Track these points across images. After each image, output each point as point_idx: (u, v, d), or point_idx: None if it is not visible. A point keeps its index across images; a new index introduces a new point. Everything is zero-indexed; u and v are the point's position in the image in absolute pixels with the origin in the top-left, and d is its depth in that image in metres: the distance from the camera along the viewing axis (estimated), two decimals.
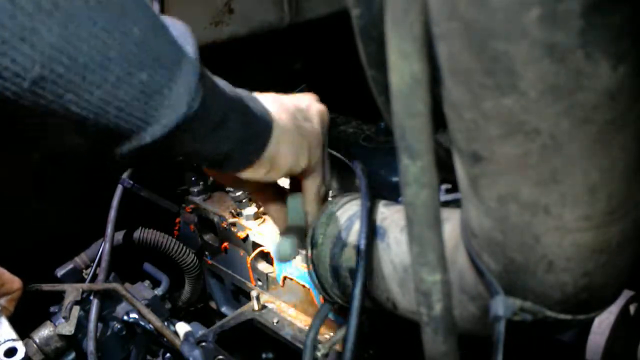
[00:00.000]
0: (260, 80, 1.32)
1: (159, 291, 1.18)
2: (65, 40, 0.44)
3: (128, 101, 0.49)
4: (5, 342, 0.79)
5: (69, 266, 1.15)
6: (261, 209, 1.06)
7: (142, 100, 0.50)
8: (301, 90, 1.16)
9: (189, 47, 0.54)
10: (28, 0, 0.42)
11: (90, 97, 0.47)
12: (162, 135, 0.52)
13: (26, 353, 0.80)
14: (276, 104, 0.67)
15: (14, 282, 0.95)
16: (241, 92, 0.64)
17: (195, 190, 1.17)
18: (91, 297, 1.06)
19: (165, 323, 1.03)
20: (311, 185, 0.74)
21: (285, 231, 0.77)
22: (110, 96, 0.48)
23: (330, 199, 0.86)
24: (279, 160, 0.66)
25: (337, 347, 0.77)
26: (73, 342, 1.05)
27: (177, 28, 0.55)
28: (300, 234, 0.77)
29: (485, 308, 0.51)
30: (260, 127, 0.63)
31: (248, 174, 0.65)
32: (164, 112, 0.51)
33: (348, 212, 0.77)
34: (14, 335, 0.80)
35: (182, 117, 0.52)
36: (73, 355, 1.06)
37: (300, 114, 0.70)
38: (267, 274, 1.04)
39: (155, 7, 1.05)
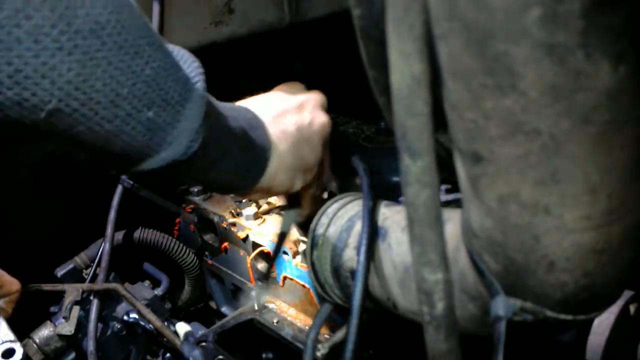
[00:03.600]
0: (260, 80, 1.32)
1: (159, 291, 1.18)
2: (81, 78, 0.47)
3: (134, 135, 0.52)
4: (3, 343, 0.79)
5: (69, 266, 1.15)
6: (261, 209, 1.06)
7: (147, 135, 0.53)
8: None
9: (199, 86, 0.56)
10: (51, 40, 0.45)
11: (100, 129, 0.50)
12: (159, 167, 0.55)
13: (26, 353, 0.80)
14: (278, 127, 0.69)
15: (13, 284, 0.95)
16: (246, 120, 0.66)
17: (195, 190, 1.17)
18: (91, 297, 1.06)
19: (165, 323, 1.03)
20: (307, 196, 0.79)
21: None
22: (118, 130, 0.51)
23: (331, 199, 0.86)
24: (275, 186, 0.70)
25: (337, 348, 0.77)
26: (73, 342, 1.05)
27: (190, 65, 0.57)
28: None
29: (485, 308, 0.51)
30: (259, 159, 0.67)
31: (245, 197, 0.71)
32: (164, 148, 0.54)
33: (349, 212, 0.77)
34: (11, 336, 0.80)
35: (180, 155, 0.55)
36: (73, 355, 1.06)
37: (301, 134, 0.72)
38: (267, 274, 1.04)
39: (156, 8, 1.05)
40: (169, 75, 0.53)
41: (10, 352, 0.79)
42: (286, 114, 0.72)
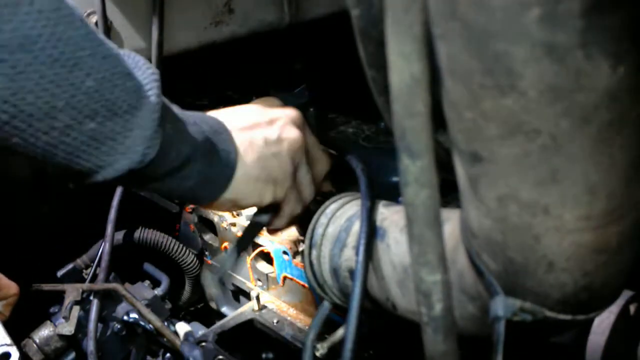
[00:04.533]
0: (260, 80, 1.32)
1: (159, 291, 1.18)
2: (10, 91, 0.46)
3: (77, 146, 0.51)
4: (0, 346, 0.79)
5: (69, 266, 1.15)
6: None
7: (92, 145, 0.52)
8: (301, 90, 1.16)
9: (152, 93, 0.55)
10: None
11: (36, 141, 0.49)
12: (114, 177, 0.54)
13: (26, 354, 0.80)
14: (244, 139, 0.67)
15: (11, 288, 0.95)
16: (210, 126, 0.64)
17: None
18: (91, 297, 1.06)
19: (165, 323, 1.03)
20: (284, 208, 0.75)
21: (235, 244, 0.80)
22: (58, 141, 0.50)
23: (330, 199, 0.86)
24: (241, 200, 0.68)
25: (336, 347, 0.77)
26: (73, 342, 1.05)
27: (144, 72, 0.56)
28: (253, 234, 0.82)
29: (485, 308, 0.51)
30: (222, 169, 0.64)
31: (209, 209, 0.69)
32: (117, 158, 0.53)
33: (348, 212, 0.76)
34: (8, 340, 0.80)
35: (136, 164, 0.54)
36: (73, 355, 1.06)
37: (268, 149, 0.69)
38: (267, 274, 1.04)
39: (156, 9, 1.05)
40: (115, 85, 0.52)
41: (6, 356, 0.79)
42: (254, 126, 0.70)
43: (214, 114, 0.69)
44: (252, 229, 0.80)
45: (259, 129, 0.70)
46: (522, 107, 0.38)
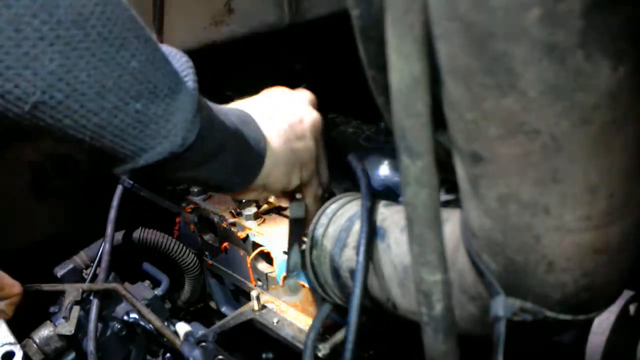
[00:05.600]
0: (260, 80, 1.32)
1: (159, 291, 1.18)
2: (65, 69, 0.47)
3: (124, 128, 0.52)
4: (3, 345, 0.79)
5: (69, 266, 1.15)
6: (261, 209, 1.06)
7: (137, 128, 0.52)
8: None
9: (189, 79, 0.56)
10: (32, 30, 0.44)
11: (87, 122, 0.50)
12: (155, 161, 0.55)
13: (26, 354, 0.80)
14: (270, 126, 0.69)
15: (14, 287, 0.95)
16: (238, 117, 0.66)
17: (195, 190, 1.17)
18: (91, 297, 1.06)
19: (165, 323, 1.03)
20: (308, 194, 0.78)
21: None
22: (107, 123, 0.51)
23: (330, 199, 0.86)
24: (272, 184, 0.70)
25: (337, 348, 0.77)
26: (73, 342, 1.05)
27: (179, 60, 0.57)
28: (300, 228, 0.82)
29: (485, 308, 0.51)
30: (253, 156, 0.66)
31: (241, 196, 0.70)
32: (159, 141, 0.54)
33: (348, 212, 0.77)
34: (11, 339, 0.80)
35: (177, 147, 0.55)
36: (73, 355, 1.06)
37: (293, 132, 0.72)
38: (267, 274, 1.04)
39: (156, 8, 1.05)
40: (157, 68, 0.53)
41: (9, 355, 0.79)
42: (276, 112, 0.72)
43: (237, 105, 0.71)
44: (298, 226, 0.82)
45: (281, 113, 0.72)
46: (522, 107, 0.38)
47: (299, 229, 0.84)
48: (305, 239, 0.92)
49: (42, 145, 1.16)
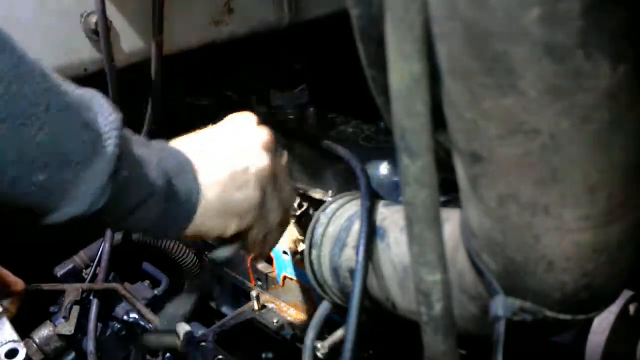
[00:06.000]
0: (260, 80, 1.32)
1: (159, 291, 1.18)
2: None
3: (24, 197, 0.51)
4: (6, 343, 0.79)
5: (69, 266, 1.15)
6: None
7: (40, 196, 0.52)
8: (301, 90, 1.16)
9: (110, 144, 0.55)
10: None
11: None
12: (64, 221, 0.54)
13: (27, 354, 0.80)
14: (209, 175, 0.67)
15: (18, 284, 0.95)
16: (171, 169, 0.64)
17: None
18: (91, 297, 1.06)
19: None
20: (250, 238, 0.74)
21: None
22: (6, 191, 0.51)
23: (330, 198, 0.86)
24: (205, 232, 0.68)
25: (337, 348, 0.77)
26: (73, 342, 1.05)
27: (106, 119, 0.55)
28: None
29: (485, 308, 0.51)
30: (183, 207, 0.64)
31: (178, 239, 0.68)
32: (65, 204, 0.53)
33: (348, 212, 0.77)
34: (15, 336, 0.80)
35: (83, 212, 0.54)
36: (73, 355, 1.06)
37: (233, 182, 0.68)
38: (267, 274, 1.04)
39: (155, 8, 1.05)
40: (70, 137, 0.52)
41: (13, 353, 0.79)
42: (221, 159, 0.69)
43: (179, 143, 0.68)
44: (213, 267, 0.79)
45: (225, 161, 0.69)
46: (522, 107, 0.38)
47: (215, 269, 0.81)
48: (293, 241, 0.92)
49: None
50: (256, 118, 0.75)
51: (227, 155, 0.70)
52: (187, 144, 0.68)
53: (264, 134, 0.73)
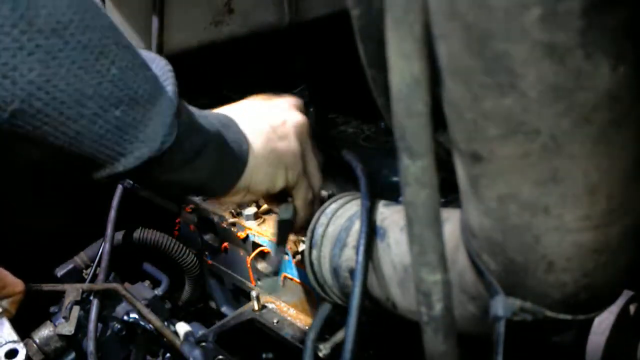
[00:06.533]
0: (260, 80, 1.32)
1: (159, 291, 1.18)
2: (44, 78, 0.47)
3: (103, 134, 0.52)
4: (6, 343, 0.79)
5: (69, 266, 1.15)
6: (261, 209, 1.06)
7: (116, 134, 0.53)
8: (301, 90, 1.16)
9: (169, 84, 0.57)
10: (12, 40, 0.45)
11: (67, 129, 0.50)
12: (134, 166, 0.55)
13: (26, 354, 0.80)
14: (252, 127, 0.69)
15: (17, 285, 0.95)
16: (219, 120, 0.66)
17: None
18: (91, 297, 1.06)
19: (165, 323, 1.03)
20: (296, 197, 0.76)
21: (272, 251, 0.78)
22: (86, 130, 0.51)
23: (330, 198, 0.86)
24: (255, 186, 0.70)
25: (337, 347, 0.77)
26: (73, 342, 1.05)
27: (159, 65, 0.58)
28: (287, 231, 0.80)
29: (485, 308, 0.51)
30: (235, 158, 0.66)
31: (225, 199, 0.69)
32: (137, 146, 0.54)
33: (348, 212, 0.77)
34: (15, 337, 0.80)
35: (155, 151, 0.55)
36: (73, 355, 1.06)
37: (275, 133, 0.71)
38: (267, 274, 1.04)
39: (156, 8, 1.05)
40: (137, 74, 0.53)
41: (13, 353, 0.79)
42: (258, 114, 0.72)
43: (218, 110, 0.71)
44: (283, 228, 0.80)
45: (263, 115, 0.72)
46: (522, 107, 0.38)
47: (285, 231, 0.82)
48: (292, 241, 0.92)
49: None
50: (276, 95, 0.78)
51: (262, 112, 0.72)
52: (221, 109, 0.71)
53: (291, 98, 0.77)
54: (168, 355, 1.09)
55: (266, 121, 0.71)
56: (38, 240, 1.17)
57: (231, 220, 1.07)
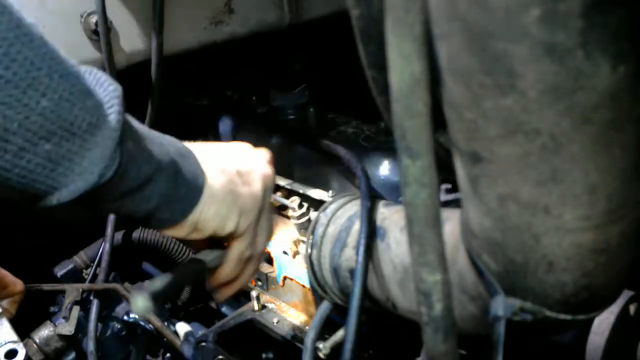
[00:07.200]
0: (260, 80, 1.32)
1: None
2: None
3: (32, 169, 0.49)
4: (5, 343, 0.79)
5: (69, 266, 1.15)
6: None
7: (47, 167, 0.50)
8: (301, 90, 1.16)
9: (113, 112, 0.53)
10: None
11: None
12: (69, 200, 0.52)
13: (26, 354, 0.80)
14: (215, 166, 0.65)
15: (17, 285, 0.95)
16: (176, 149, 0.62)
17: None
18: (91, 297, 1.06)
19: (165, 323, 1.03)
20: (235, 248, 0.71)
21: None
22: (11, 165, 0.48)
23: (330, 198, 0.86)
24: (204, 223, 0.65)
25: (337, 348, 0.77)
26: (73, 342, 1.05)
27: (106, 89, 0.54)
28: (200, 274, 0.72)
29: (485, 308, 0.51)
30: (187, 191, 0.62)
31: (170, 232, 0.64)
32: (73, 179, 0.51)
33: (348, 212, 0.77)
34: (14, 337, 0.80)
35: (92, 185, 0.52)
36: (73, 355, 1.06)
37: (240, 177, 0.68)
38: (267, 274, 1.04)
39: (156, 8, 1.05)
40: (74, 104, 0.50)
41: (13, 353, 0.79)
42: (225, 156, 0.68)
43: (182, 143, 0.66)
44: (193, 269, 0.71)
45: (234, 160, 0.68)
46: (522, 107, 0.38)
47: (192, 274, 0.72)
48: (293, 241, 0.90)
49: None
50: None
51: (234, 156, 0.69)
52: (187, 143, 0.66)
53: (265, 152, 0.74)
54: (168, 355, 1.09)
55: (234, 164, 0.68)
56: (38, 240, 1.17)
57: None
